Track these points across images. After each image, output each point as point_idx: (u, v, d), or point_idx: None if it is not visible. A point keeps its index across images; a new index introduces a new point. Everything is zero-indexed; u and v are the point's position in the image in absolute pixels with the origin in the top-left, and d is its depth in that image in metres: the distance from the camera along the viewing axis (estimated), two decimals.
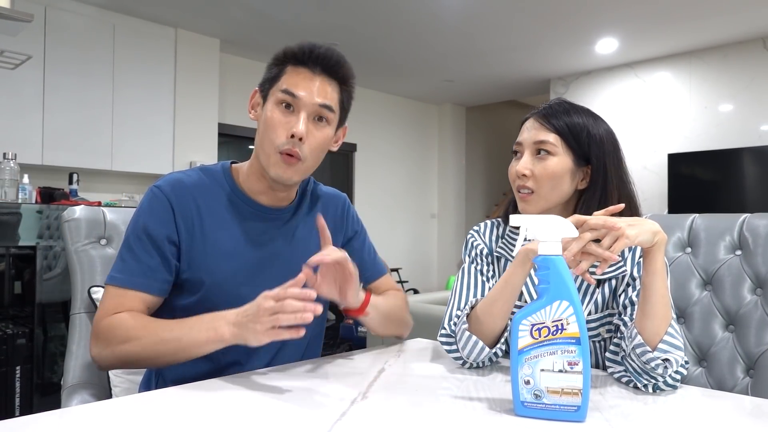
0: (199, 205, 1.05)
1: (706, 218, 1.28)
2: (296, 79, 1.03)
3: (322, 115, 1.04)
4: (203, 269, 1.03)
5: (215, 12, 4.37)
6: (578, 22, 4.56)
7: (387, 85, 6.54)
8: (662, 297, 0.90)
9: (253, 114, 1.10)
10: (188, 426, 0.72)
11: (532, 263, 0.94)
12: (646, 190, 5.42)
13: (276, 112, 1.03)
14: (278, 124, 1.02)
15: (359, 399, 0.82)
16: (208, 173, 1.10)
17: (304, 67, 1.04)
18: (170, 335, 0.93)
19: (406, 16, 4.47)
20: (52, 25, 3.96)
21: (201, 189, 1.07)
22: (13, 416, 0.73)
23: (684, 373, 0.91)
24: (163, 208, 1.03)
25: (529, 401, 0.76)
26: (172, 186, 1.05)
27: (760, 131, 4.87)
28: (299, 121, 1.01)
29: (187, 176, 1.08)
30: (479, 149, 7.76)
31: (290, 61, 1.05)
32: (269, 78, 1.07)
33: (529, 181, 1.07)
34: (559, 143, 1.06)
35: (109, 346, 0.95)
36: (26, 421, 0.72)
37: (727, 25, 4.58)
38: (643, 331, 0.90)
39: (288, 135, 1.01)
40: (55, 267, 2.73)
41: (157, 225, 1.02)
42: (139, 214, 1.04)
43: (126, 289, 0.99)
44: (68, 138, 4.03)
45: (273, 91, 1.05)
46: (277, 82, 1.05)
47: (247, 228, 1.08)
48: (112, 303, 0.99)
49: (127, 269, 1.00)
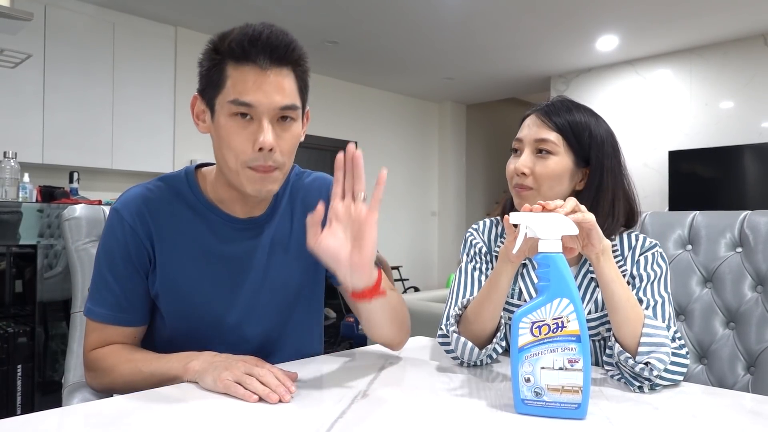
0: (165, 224, 0.97)
1: (707, 215, 1.28)
2: (244, 82, 0.87)
3: (287, 115, 0.91)
4: (179, 294, 0.98)
5: (215, 10, 4.37)
6: (579, 20, 4.56)
7: (387, 82, 6.53)
8: (627, 301, 0.90)
9: (202, 126, 0.96)
10: (188, 424, 0.72)
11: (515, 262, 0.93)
12: (646, 187, 5.42)
13: (232, 126, 0.88)
14: (239, 139, 0.88)
15: (360, 397, 0.82)
16: (170, 183, 1.00)
17: (247, 63, 0.87)
18: (147, 369, 0.91)
19: (406, 13, 4.46)
20: (52, 24, 3.96)
21: (166, 205, 0.98)
22: (14, 415, 0.73)
23: (683, 362, 0.90)
24: (128, 233, 0.96)
25: (530, 399, 0.76)
26: (133, 207, 0.97)
27: (761, 128, 4.86)
28: (263, 131, 0.87)
29: (148, 191, 0.99)
30: (480, 147, 7.76)
31: (228, 58, 0.88)
32: (208, 82, 0.91)
33: (528, 179, 1.04)
34: (561, 142, 1.04)
35: (96, 378, 0.97)
36: (27, 419, 0.73)
37: (728, 22, 4.57)
38: (622, 339, 0.90)
39: (255, 148, 0.88)
40: (56, 266, 2.73)
41: (124, 252, 0.96)
42: (106, 241, 0.98)
43: (106, 324, 0.97)
44: (68, 137, 4.03)
45: (220, 102, 0.89)
46: (221, 89, 0.89)
47: (220, 244, 0.99)
48: (94, 337, 0.98)
49: (104, 302, 0.97)
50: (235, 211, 1.00)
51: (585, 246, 0.90)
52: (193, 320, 0.99)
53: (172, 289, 0.98)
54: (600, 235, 0.88)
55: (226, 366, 0.83)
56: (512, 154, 1.10)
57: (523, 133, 1.07)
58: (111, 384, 0.95)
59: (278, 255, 1.03)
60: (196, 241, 0.98)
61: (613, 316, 0.91)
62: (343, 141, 6.40)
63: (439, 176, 7.52)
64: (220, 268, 0.99)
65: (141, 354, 0.96)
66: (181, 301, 0.98)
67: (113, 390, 0.96)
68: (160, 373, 0.89)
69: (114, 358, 0.95)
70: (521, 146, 1.07)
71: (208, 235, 0.99)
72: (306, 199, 1.07)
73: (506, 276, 0.94)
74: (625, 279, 1.04)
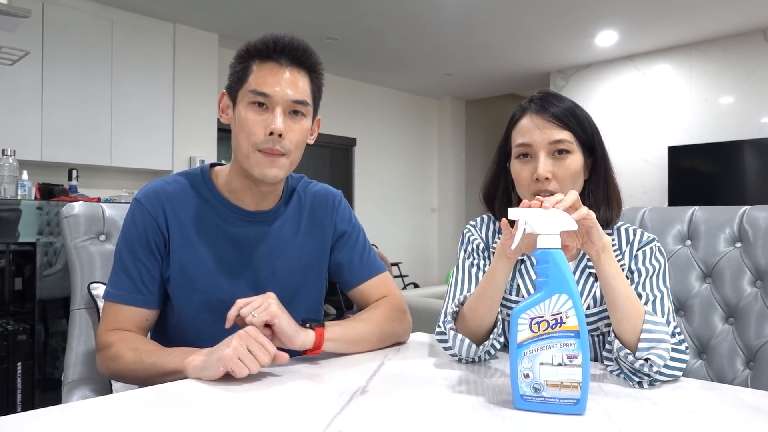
0: (181, 213, 1.06)
1: (706, 211, 1.28)
2: (264, 75, 1.00)
3: (298, 109, 1.02)
4: (188, 277, 1.05)
5: (213, 7, 4.35)
6: (578, 15, 4.55)
7: (386, 79, 6.52)
8: (627, 297, 0.90)
9: (225, 117, 1.07)
10: (188, 421, 0.72)
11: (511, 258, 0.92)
12: (646, 183, 5.42)
13: (249, 113, 1.00)
14: (253, 123, 1.00)
15: (359, 393, 0.83)
16: (189, 179, 1.10)
17: (270, 61, 1.00)
18: (149, 360, 0.95)
19: (405, 9, 4.45)
20: (50, 21, 3.94)
21: (182, 197, 1.07)
22: (14, 412, 0.74)
23: (682, 358, 0.91)
24: (148, 220, 1.04)
25: (529, 395, 0.76)
26: (153, 196, 1.06)
27: (761, 123, 4.86)
28: (275, 118, 0.99)
29: (168, 184, 1.08)
30: (479, 143, 7.76)
31: (254, 58, 1.01)
32: (236, 79, 1.04)
33: (551, 183, 1.00)
34: (573, 139, 1.02)
35: (104, 362, 1.02)
36: (27, 416, 0.73)
37: (728, 16, 4.56)
38: (622, 335, 0.90)
39: (266, 132, 0.99)
40: (55, 263, 2.74)
41: (143, 238, 1.04)
42: (126, 228, 1.06)
43: (121, 304, 1.03)
44: (67, 134, 4.02)
45: (242, 93, 1.02)
46: (244, 82, 1.01)
47: (230, 233, 1.07)
48: (110, 319, 1.04)
49: (121, 284, 1.04)
50: (245, 202, 1.08)
51: (584, 243, 0.89)
52: (198, 305, 1.06)
53: (181, 271, 1.05)
54: (600, 232, 0.88)
55: (224, 344, 0.88)
56: (517, 160, 1.05)
57: (533, 137, 1.02)
58: (116, 370, 1.00)
59: (283, 251, 1.11)
60: (206, 227, 1.06)
61: (613, 312, 0.91)
62: (343, 138, 6.40)
63: (438, 173, 7.52)
64: (227, 251, 1.07)
65: (146, 344, 1.01)
66: (188, 284, 1.05)
67: (117, 376, 1.02)
68: (160, 365, 0.93)
69: (121, 346, 0.99)
70: (533, 150, 1.02)
71: (219, 222, 1.07)
72: (314, 207, 1.17)
73: (503, 272, 0.94)
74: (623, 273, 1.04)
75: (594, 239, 0.88)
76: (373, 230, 6.58)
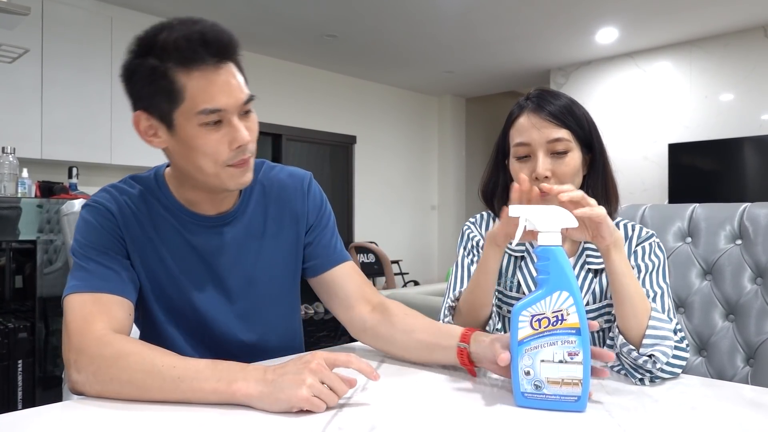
0: (139, 218, 0.96)
1: (707, 208, 1.28)
2: (206, 87, 0.84)
3: (248, 108, 0.91)
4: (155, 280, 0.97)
5: (213, 4, 4.35)
6: (578, 12, 4.54)
7: (386, 76, 6.51)
8: (636, 293, 0.90)
9: (156, 141, 0.91)
10: (187, 419, 0.72)
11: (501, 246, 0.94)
12: (646, 180, 5.42)
13: (207, 134, 0.87)
14: (216, 143, 0.87)
15: (358, 390, 0.83)
16: (142, 183, 1.00)
17: (203, 64, 0.84)
18: (169, 373, 0.77)
19: (405, 6, 4.44)
20: (50, 18, 3.94)
21: (137, 201, 0.97)
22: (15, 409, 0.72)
23: (683, 355, 0.91)
24: (107, 220, 0.94)
25: (530, 392, 0.76)
26: (109, 199, 0.96)
27: (761, 120, 4.85)
28: (237, 129, 0.87)
29: (121, 188, 0.98)
30: (479, 140, 7.75)
31: (173, 64, 0.84)
32: (156, 97, 0.86)
33: (550, 182, 1.00)
34: (571, 137, 1.03)
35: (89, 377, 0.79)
36: (28, 414, 0.73)
37: (728, 13, 4.55)
38: (627, 331, 0.90)
39: (232, 147, 0.88)
40: (55, 261, 2.73)
41: (104, 238, 0.93)
42: (82, 233, 0.93)
43: (98, 293, 0.87)
44: (67, 132, 4.02)
45: (183, 115, 0.86)
46: (179, 102, 0.85)
47: (192, 242, 0.99)
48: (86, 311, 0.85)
49: (89, 278, 0.89)
50: (204, 209, 1.00)
51: (595, 236, 0.89)
52: (175, 314, 0.99)
53: (152, 280, 0.97)
54: (611, 228, 0.87)
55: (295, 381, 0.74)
56: (516, 160, 1.05)
57: (530, 137, 1.02)
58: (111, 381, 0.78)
59: (252, 246, 1.03)
60: (166, 233, 0.98)
61: (620, 308, 0.91)
62: (342, 135, 6.39)
63: (438, 170, 7.52)
64: (194, 261, 0.99)
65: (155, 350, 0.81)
66: (163, 294, 0.98)
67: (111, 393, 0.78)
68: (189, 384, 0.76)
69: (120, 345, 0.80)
70: (531, 150, 1.02)
71: (181, 231, 0.99)
72: (283, 193, 1.07)
73: (494, 260, 0.95)
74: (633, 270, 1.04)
75: (605, 234, 0.87)
76: (373, 228, 6.59)
